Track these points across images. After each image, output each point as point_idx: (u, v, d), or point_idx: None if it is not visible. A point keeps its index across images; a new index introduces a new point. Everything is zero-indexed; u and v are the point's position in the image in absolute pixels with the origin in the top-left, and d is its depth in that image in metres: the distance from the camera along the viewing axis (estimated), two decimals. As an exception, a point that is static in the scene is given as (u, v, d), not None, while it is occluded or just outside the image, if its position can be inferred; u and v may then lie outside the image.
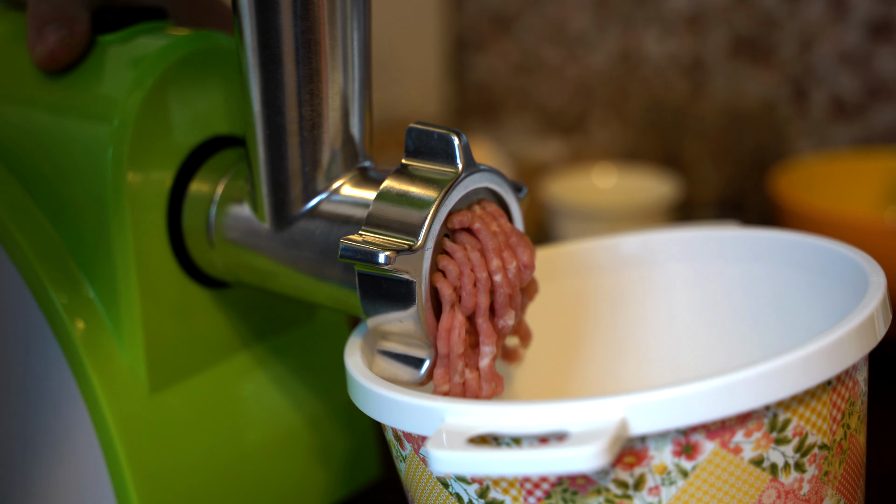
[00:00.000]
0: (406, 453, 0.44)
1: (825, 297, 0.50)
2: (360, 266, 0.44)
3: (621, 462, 0.39)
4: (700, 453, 0.39)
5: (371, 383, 0.43)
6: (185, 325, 0.51)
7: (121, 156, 0.48)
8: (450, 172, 0.45)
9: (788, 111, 1.05)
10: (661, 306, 0.57)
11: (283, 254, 0.48)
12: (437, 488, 0.43)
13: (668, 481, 0.39)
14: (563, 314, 0.56)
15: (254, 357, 0.54)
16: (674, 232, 0.56)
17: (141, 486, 0.49)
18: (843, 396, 0.42)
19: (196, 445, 0.51)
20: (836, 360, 0.40)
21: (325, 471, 0.57)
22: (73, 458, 0.50)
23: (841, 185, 0.89)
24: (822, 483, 0.42)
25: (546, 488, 0.40)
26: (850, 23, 1.02)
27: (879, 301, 0.43)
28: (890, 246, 0.72)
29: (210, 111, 0.51)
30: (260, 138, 0.47)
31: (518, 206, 0.48)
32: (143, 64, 0.49)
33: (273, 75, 0.46)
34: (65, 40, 0.49)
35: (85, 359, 0.48)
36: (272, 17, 0.45)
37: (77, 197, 0.49)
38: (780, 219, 0.82)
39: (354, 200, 0.47)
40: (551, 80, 1.18)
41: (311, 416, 0.56)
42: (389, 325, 0.45)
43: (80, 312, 0.49)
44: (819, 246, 0.50)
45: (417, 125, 0.45)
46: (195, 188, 0.50)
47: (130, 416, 0.49)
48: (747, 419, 0.39)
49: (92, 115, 0.49)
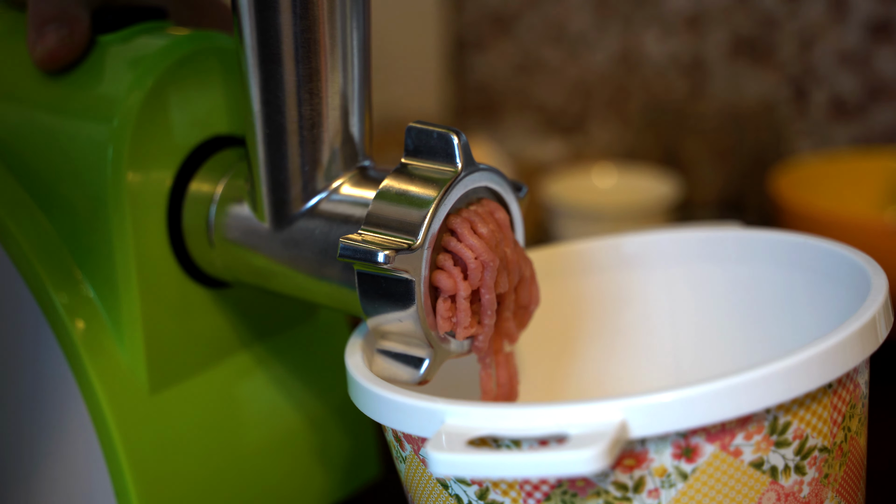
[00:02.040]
0: (406, 454, 0.44)
1: (827, 298, 0.50)
2: (359, 265, 0.44)
3: (621, 464, 0.39)
4: (700, 456, 0.39)
5: (371, 384, 0.43)
6: (185, 324, 0.51)
7: (121, 156, 0.48)
8: (449, 172, 0.45)
9: (788, 111, 1.05)
10: (661, 307, 0.57)
11: (283, 253, 0.48)
12: (436, 489, 0.43)
13: (667, 484, 0.39)
14: (563, 314, 0.56)
15: (254, 357, 0.54)
16: (674, 232, 0.56)
17: (141, 486, 0.49)
18: (844, 399, 0.42)
19: (196, 445, 0.51)
20: (837, 363, 0.40)
21: (324, 471, 0.57)
22: (73, 458, 0.50)
23: (841, 185, 0.89)
24: (823, 486, 0.42)
25: (546, 490, 0.40)
26: (850, 23, 1.01)
27: (881, 304, 0.43)
28: (890, 246, 0.72)
29: (210, 111, 0.51)
30: (259, 138, 0.47)
31: (518, 206, 0.48)
32: (143, 64, 0.49)
33: (273, 75, 0.46)
34: (65, 40, 0.49)
35: (85, 359, 0.48)
36: (272, 16, 0.45)
37: (77, 197, 0.49)
38: (780, 219, 0.82)
39: (354, 200, 0.47)
40: (551, 80, 1.18)
41: (311, 416, 0.56)
42: (389, 325, 0.45)
43: (80, 312, 0.49)
44: (821, 247, 0.50)
45: (417, 124, 0.45)
46: (195, 188, 0.50)
47: (130, 416, 0.49)
48: (747, 422, 0.39)
49: (92, 114, 0.49)
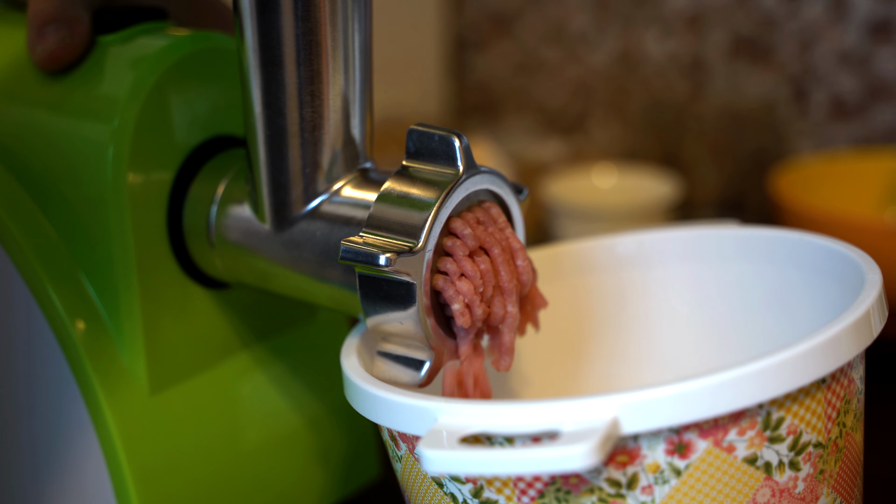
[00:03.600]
0: (401, 453, 0.44)
1: (824, 295, 0.50)
2: (360, 268, 0.44)
3: (614, 461, 0.39)
4: (693, 452, 0.39)
5: (365, 383, 0.43)
6: (185, 325, 0.51)
7: (121, 156, 0.48)
8: (450, 174, 0.45)
9: (788, 111, 1.05)
10: (660, 306, 0.57)
11: (284, 255, 0.48)
12: (431, 488, 0.43)
13: (661, 480, 0.39)
14: (563, 314, 0.56)
15: (254, 357, 0.54)
16: (673, 231, 0.56)
17: (141, 485, 0.49)
18: (838, 394, 0.42)
19: (196, 445, 0.51)
20: (831, 357, 0.40)
21: (324, 471, 0.57)
22: (74, 458, 0.50)
23: (841, 185, 0.89)
24: (818, 481, 0.42)
25: (539, 487, 0.40)
26: (850, 23, 1.02)
27: (875, 298, 0.43)
28: (890, 246, 0.72)
29: (210, 112, 0.51)
30: (261, 139, 0.47)
31: (519, 208, 0.48)
32: (143, 64, 0.49)
33: (274, 76, 0.46)
34: (65, 40, 0.49)
35: (85, 359, 0.48)
36: (273, 18, 0.45)
37: (77, 197, 0.49)
38: (779, 219, 0.82)
39: (355, 202, 0.47)
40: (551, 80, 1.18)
41: (311, 417, 0.56)
42: (390, 327, 0.45)
43: (80, 312, 0.49)
44: (817, 244, 0.50)
45: (418, 127, 0.45)
46: (196, 189, 0.50)
47: (130, 417, 0.49)
48: (740, 417, 0.39)
49: (92, 115, 0.49)
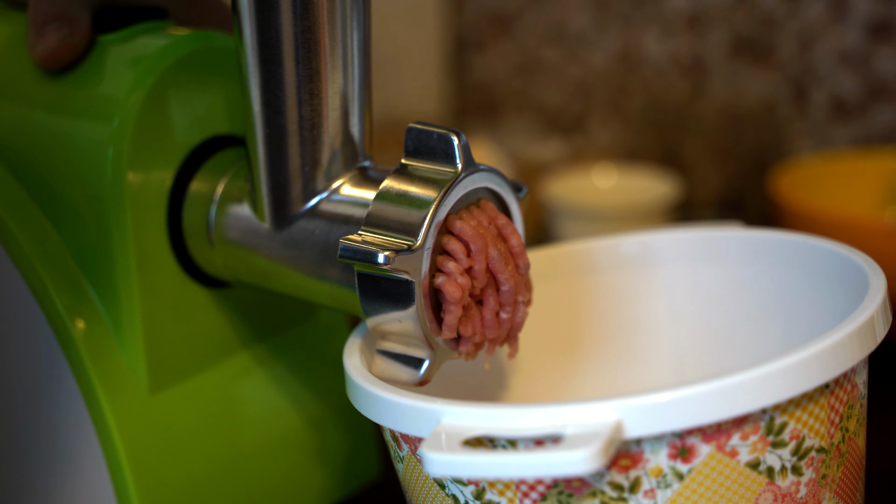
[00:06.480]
0: (403, 454, 0.44)
1: (826, 298, 0.50)
2: (359, 266, 0.44)
3: (616, 465, 0.39)
4: (696, 456, 0.39)
5: (368, 384, 0.43)
6: (185, 324, 0.51)
7: (121, 155, 0.48)
8: (449, 172, 0.45)
9: (788, 111, 1.05)
10: (661, 307, 0.57)
11: (283, 253, 0.48)
12: (433, 489, 0.43)
13: (663, 484, 0.39)
14: (563, 314, 0.56)
15: (254, 357, 0.54)
16: (674, 232, 0.56)
17: (141, 485, 0.49)
18: (842, 399, 0.42)
19: (196, 445, 0.51)
20: (834, 363, 0.40)
21: (324, 471, 0.57)
22: (74, 458, 0.50)
23: (841, 185, 0.89)
24: (820, 486, 0.42)
25: (542, 490, 0.40)
26: (850, 23, 1.01)
27: (879, 304, 0.43)
28: (890, 246, 0.72)
29: (210, 111, 0.51)
30: (260, 138, 0.47)
31: (518, 206, 0.48)
32: (143, 64, 0.49)
33: (273, 75, 0.46)
34: (65, 40, 0.49)
35: (85, 359, 0.48)
36: (272, 16, 0.45)
37: (77, 197, 0.49)
38: (780, 219, 0.82)
39: (354, 200, 0.47)
40: (551, 80, 1.18)
41: (311, 416, 0.56)
42: (389, 325, 0.45)
43: (80, 312, 0.49)
44: (820, 247, 0.50)
45: (417, 125, 0.45)
46: (195, 188, 0.50)
47: (130, 417, 0.49)
48: (743, 422, 0.39)
49: (92, 114, 0.49)
